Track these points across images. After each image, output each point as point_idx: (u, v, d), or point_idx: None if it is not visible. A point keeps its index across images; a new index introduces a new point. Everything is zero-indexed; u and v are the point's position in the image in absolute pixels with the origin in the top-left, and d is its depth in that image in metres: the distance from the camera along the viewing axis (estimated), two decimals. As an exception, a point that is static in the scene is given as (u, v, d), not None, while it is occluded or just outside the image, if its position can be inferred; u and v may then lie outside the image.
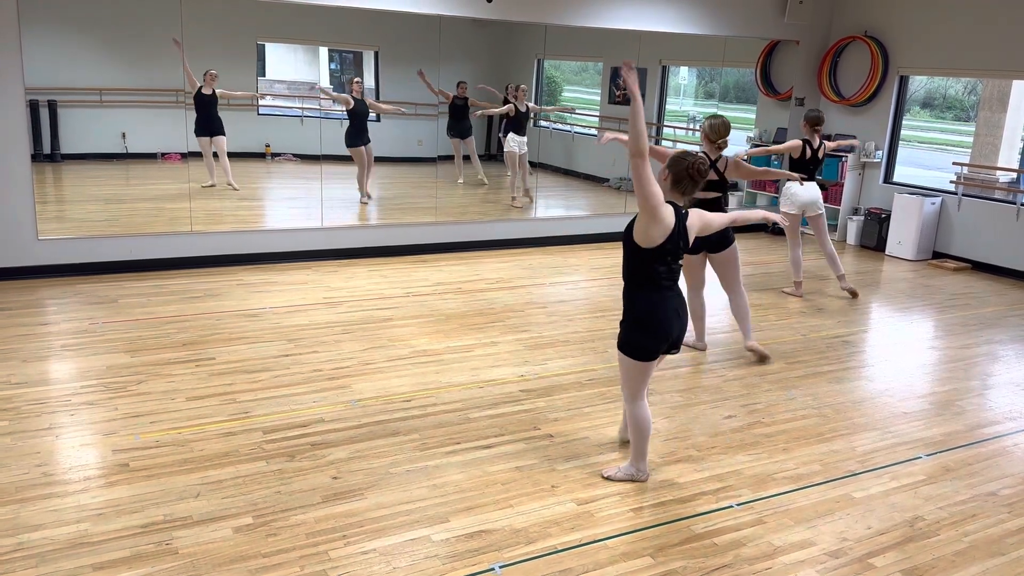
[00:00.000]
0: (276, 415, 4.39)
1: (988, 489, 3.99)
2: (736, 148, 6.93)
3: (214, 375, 4.89)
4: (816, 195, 7.30)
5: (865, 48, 9.48)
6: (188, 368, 4.97)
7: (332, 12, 7.49)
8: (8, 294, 6.23)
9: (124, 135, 8.94)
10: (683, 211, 3.58)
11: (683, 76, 12.14)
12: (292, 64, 10.75)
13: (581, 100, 12.36)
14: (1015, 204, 8.49)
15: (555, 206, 10.45)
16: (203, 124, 8.52)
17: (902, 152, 9.94)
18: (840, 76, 9.88)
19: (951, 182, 9.07)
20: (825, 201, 9.75)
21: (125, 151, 9.01)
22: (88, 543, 3.18)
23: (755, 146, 10.37)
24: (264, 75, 10.31)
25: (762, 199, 10.53)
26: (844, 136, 9.77)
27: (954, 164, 9.29)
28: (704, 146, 5.59)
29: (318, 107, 10.26)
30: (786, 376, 5.36)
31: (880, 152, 9.59)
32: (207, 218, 7.86)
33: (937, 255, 9.10)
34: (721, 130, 5.52)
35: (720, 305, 6.61)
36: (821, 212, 7.36)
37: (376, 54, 10.22)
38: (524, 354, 5.49)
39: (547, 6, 8.16)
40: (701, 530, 3.48)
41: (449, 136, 10.09)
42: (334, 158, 8.94)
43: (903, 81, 9.51)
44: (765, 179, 5.93)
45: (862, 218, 9.61)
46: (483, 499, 3.63)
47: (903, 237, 9.06)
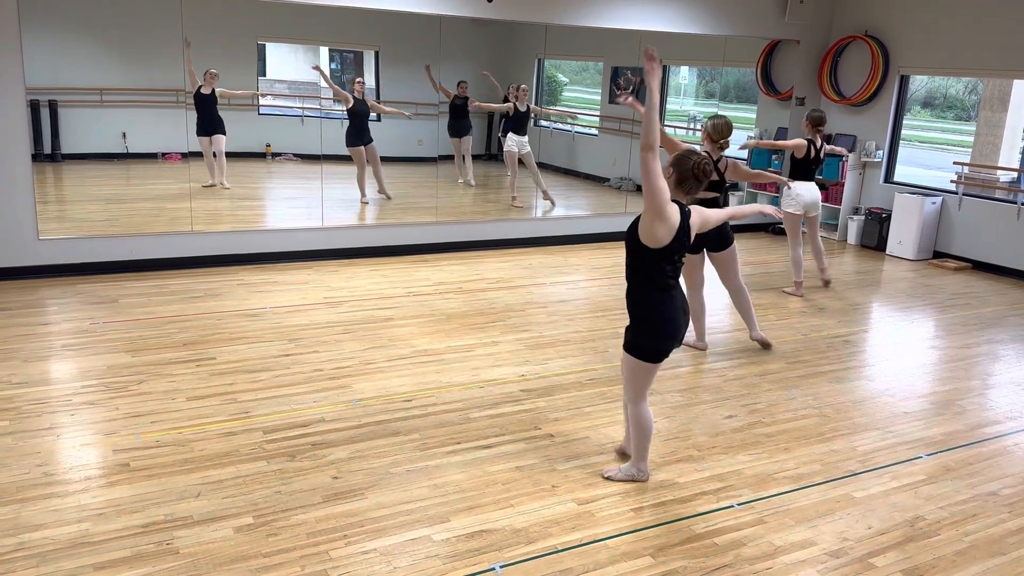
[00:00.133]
0: (277, 415, 4.39)
1: (989, 489, 3.99)
2: (741, 141, 6.94)
3: (215, 375, 4.89)
4: (818, 195, 7.34)
5: (866, 48, 9.47)
6: (189, 368, 4.97)
7: (333, 12, 7.50)
8: (9, 294, 6.23)
9: (125, 135, 8.94)
10: (686, 209, 3.58)
11: (684, 76, 12.15)
12: (293, 64, 10.75)
13: (581, 100, 12.36)
14: (1016, 204, 8.48)
15: (556, 206, 10.44)
16: (202, 123, 8.53)
17: (902, 152, 9.94)
18: (841, 76, 9.88)
19: (952, 182, 9.07)
20: (825, 201, 9.82)
21: (126, 151, 9.02)
22: (89, 543, 3.18)
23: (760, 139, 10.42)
24: (264, 75, 10.31)
25: (763, 199, 10.52)
26: (844, 136, 9.78)
27: (955, 164, 9.29)
28: (705, 145, 5.60)
29: (319, 107, 10.26)
30: (787, 376, 5.36)
31: (881, 152, 9.59)
32: (208, 218, 7.86)
33: (938, 255, 9.10)
34: (724, 130, 5.56)
35: (720, 305, 6.61)
36: (819, 211, 7.45)
37: (376, 54, 10.22)
38: (525, 354, 5.50)
39: (547, 6, 8.16)
40: (702, 530, 3.48)
41: (450, 136, 10.10)
42: (335, 158, 8.95)
43: (904, 80, 9.51)
44: (759, 181, 6.01)
45: (863, 218, 9.61)
46: (483, 499, 3.63)
47: (904, 237, 9.06)
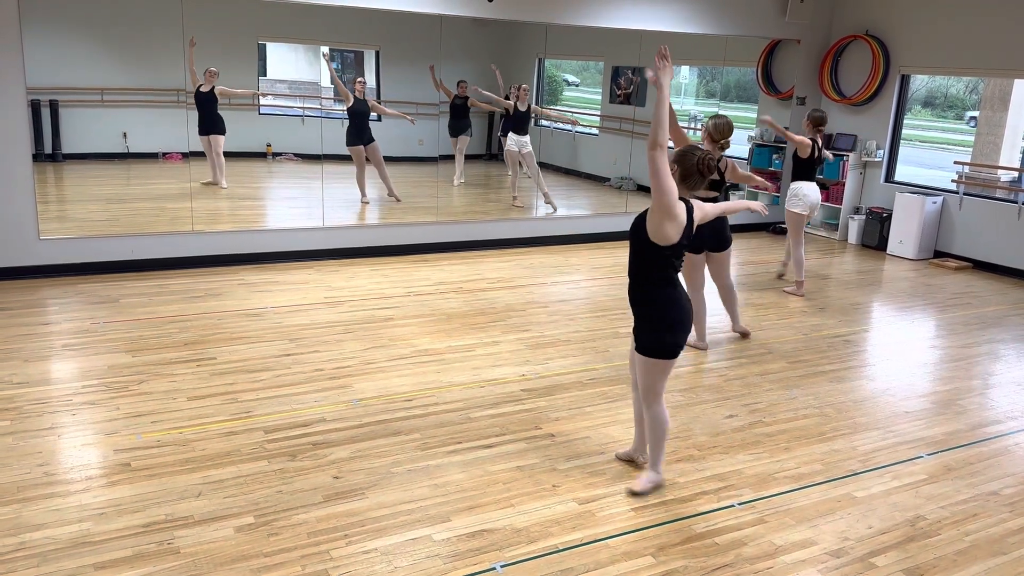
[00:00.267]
0: (277, 415, 4.39)
1: (990, 488, 3.99)
2: (741, 141, 6.92)
3: (215, 375, 4.89)
4: (819, 196, 7.35)
5: (866, 47, 9.47)
6: (189, 368, 4.97)
7: (333, 11, 7.50)
8: (10, 294, 6.23)
9: (125, 135, 8.94)
10: (690, 204, 3.57)
11: (684, 75, 12.14)
12: (293, 64, 10.75)
13: (582, 100, 12.36)
14: (1016, 203, 8.48)
15: (556, 210, 10.43)
16: (200, 122, 8.53)
17: (903, 151, 9.94)
18: (841, 75, 9.88)
19: (952, 181, 9.06)
20: (826, 200, 9.83)
21: (126, 151, 9.01)
22: (90, 543, 3.18)
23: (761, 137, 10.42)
24: (265, 75, 10.31)
25: (763, 199, 10.51)
26: (845, 135, 9.78)
27: (955, 163, 9.29)
28: (706, 144, 5.61)
29: (319, 107, 10.26)
30: (787, 375, 5.35)
31: (881, 151, 9.59)
32: (208, 218, 7.86)
33: (938, 254, 9.10)
34: (725, 130, 5.59)
35: (720, 306, 6.61)
36: (817, 212, 7.54)
37: (377, 53, 10.22)
38: (525, 353, 5.50)
39: (548, 5, 8.16)
40: (702, 529, 3.48)
41: (449, 135, 10.11)
42: (335, 158, 8.95)
43: (904, 80, 9.51)
44: (750, 183, 6.05)
45: (863, 217, 9.61)
46: (484, 498, 3.63)
47: (904, 236, 9.05)
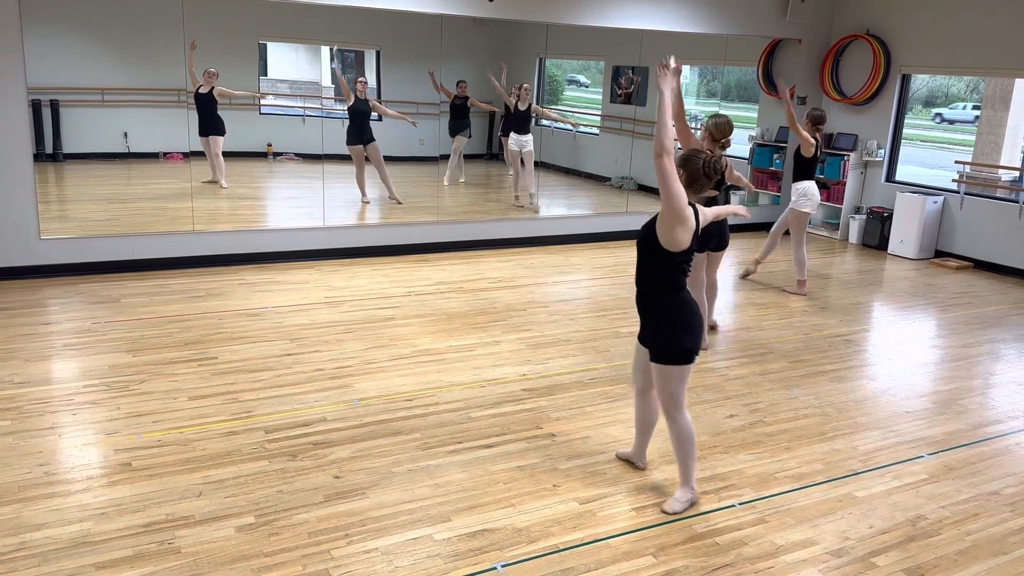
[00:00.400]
0: (278, 414, 4.39)
1: (990, 488, 3.99)
2: (741, 141, 6.91)
3: (216, 374, 4.89)
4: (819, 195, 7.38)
5: (867, 47, 9.46)
6: (190, 367, 4.98)
7: (334, 11, 7.49)
8: (11, 293, 6.23)
9: (126, 135, 8.95)
10: (695, 207, 3.55)
11: (685, 75, 12.14)
12: (294, 63, 10.75)
13: (583, 99, 12.36)
14: (1017, 203, 8.47)
15: (557, 205, 10.45)
16: (200, 123, 8.54)
17: (904, 150, 9.93)
18: (842, 75, 9.87)
19: (953, 181, 9.05)
20: (827, 200, 9.82)
21: (127, 151, 9.02)
22: (90, 542, 3.18)
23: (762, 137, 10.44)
24: (266, 74, 10.31)
25: (764, 198, 10.52)
26: (846, 135, 9.78)
27: (956, 163, 9.28)
28: (706, 144, 5.60)
29: (320, 107, 10.27)
30: (788, 375, 5.35)
31: (882, 151, 9.58)
32: (209, 218, 7.86)
33: (939, 254, 9.09)
34: (726, 129, 5.59)
35: (721, 305, 6.62)
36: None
37: (378, 53, 10.22)
38: (526, 353, 5.49)
39: (548, 5, 8.15)
40: (703, 529, 3.48)
41: (450, 135, 10.11)
42: (336, 157, 8.95)
43: (905, 79, 9.50)
44: (739, 183, 6.06)
45: (864, 217, 9.60)
46: (485, 498, 3.63)
47: (905, 236, 9.05)
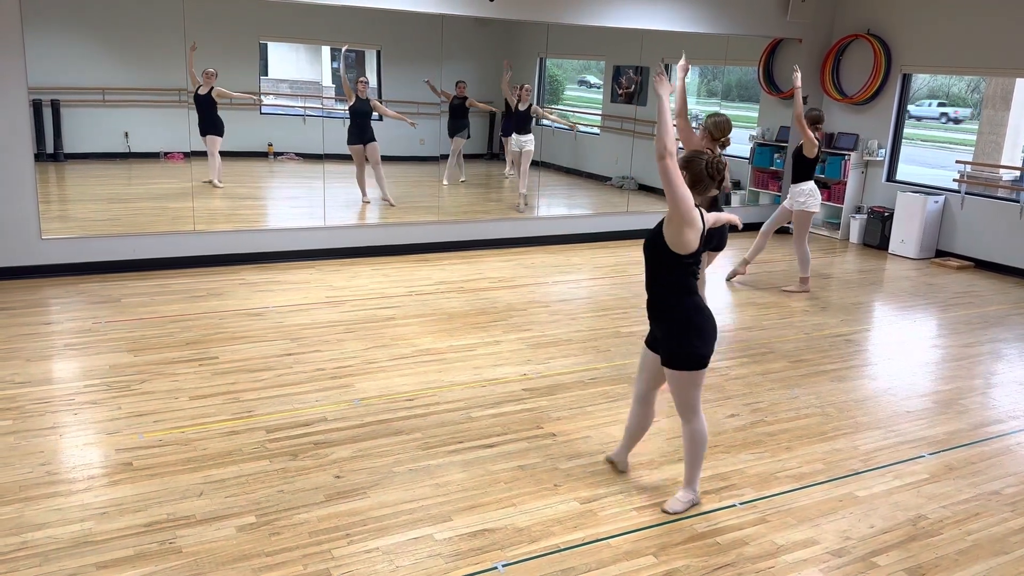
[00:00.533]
0: (279, 414, 4.39)
1: (991, 488, 3.98)
2: (741, 140, 6.89)
3: (217, 374, 4.89)
4: None
5: (868, 46, 9.46)
6: (191, 367, 4.98)
7: (335, 11, 7.50)
8: (12, 293, 6.24)
9: (127, 134, 8.95)
10: (700, 209, 3.54)
11: (688, 73, 12.13)
12: (295, 63, 10.75)
13: (584, 99, 12.35)
14: (1018, 202, 8.47)
15: (557, 205, 10.45)
16: (200, 124, 8.55)
17: (905, 150, 9.93)
18: (843, 74, 9.87)
19: (954, 180, 9.05)
20: (828, 200, 9.82)
21: (128, 150, 9.03)
22: (92, 542, 3.18)
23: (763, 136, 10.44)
24: (267, 74, 10.31)
25: (765, 197, 10.52)
26: (847, 134, 9.78)
27: (957, 162, 9.28)
28: (705, 143, 5.60)
29: (320, 106, 10.27)
30: (789, 375, 5.35)
31: (883, 150, 9.58)
32: (210, 217, 7.86)
33: (940, 253, 9.09)
34: (725, 127, 5.59)
35: (721, 305, 6.62)
36: None
37: (378, 53, 10.22)
38: (527, 353, 5.50)
39: (549, 5, 8.15)
40: (704, 529, 3.48)
41: (449, 135, 10.11)
42: (336, 157, 8.95)
43: (906, 79, 9.50)
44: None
45: (865, 216, 9.60)
46: (486, 498, 3.63)
47: (906, 235, 9.04)
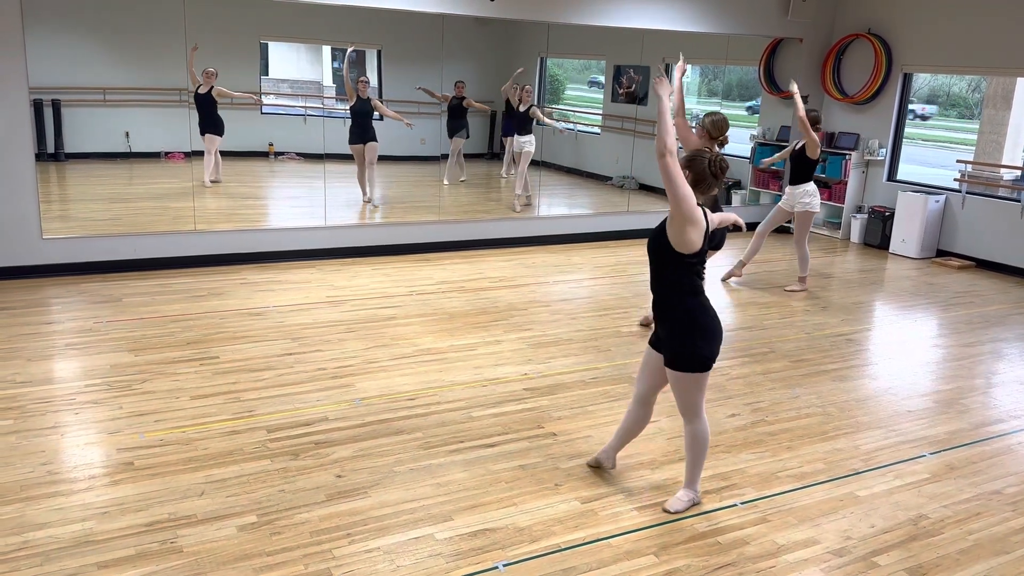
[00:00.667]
0: (280, 414, 4.39)
1: (992, 487, 3.98)
2: (741, 140, 6.91)
3: (218, 374, 4.89)
4: None
5: (868, 46, 9.46)
6: (192, 367, 4.98)
7: (335, 11, 7.50)
8: (13, 293, 6.24)
9: (128, 134, 8.96)
10: (704, 210, 3.53)
11: (686, 74, 12.14)
12: (295, 63, 10.76)
13: (584, 99, 12.36)
14: (1019, 202, 8.47)
15: (558, 205, 10.45)
16: (199, 122, 8.56)
17: (905, 150, 9.92)
18: (844, 74, 9.87)
19: (955, 180, 9.05)
20: (828, 199, 9.82)
21: (129, 150, 9.03)
22: (93, 542, 3.18)
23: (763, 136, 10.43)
24: (267, 74, 10.32)
25: (766, 197, 10.52)
26: (848, 134, 9.78)
27: (958, 162, 9.28)
28: (703, 142, 5.60)
29: (321, 106, 10.27)
30: (790, 374, 5.35)
31: (884, 150, 9.58)
32: (211, 217, 7.87)
33: (941, 253, 9.09)
34: (722, 126, 5.61)
35: (721, 304, 6.62)
36: None
37: (379, 52, 10.23)
38: (527, 353, 5.50)
39: (549, 4, 8.15)
40: (705, 528, 3.48)
41: (448, 136, 10.12)
42: (337, 157, 8.96)
43: (907, 79, 9.50)
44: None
45: (866, 216, 9.60)
46: (486, 498, 3.63)
47: (907, 235, 9.04)
